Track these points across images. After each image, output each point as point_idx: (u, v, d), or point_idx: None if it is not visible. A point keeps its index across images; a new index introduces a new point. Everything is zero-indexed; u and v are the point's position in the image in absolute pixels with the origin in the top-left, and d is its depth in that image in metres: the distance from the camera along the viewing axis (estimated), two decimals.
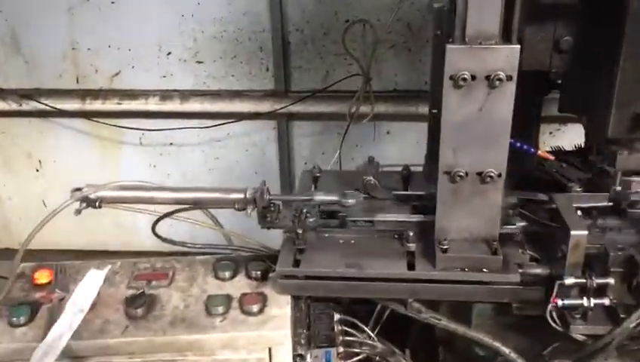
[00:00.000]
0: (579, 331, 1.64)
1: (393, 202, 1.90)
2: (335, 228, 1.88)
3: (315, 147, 4.10)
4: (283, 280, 1.78)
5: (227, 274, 1.90)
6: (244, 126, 4.09)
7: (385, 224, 1.82)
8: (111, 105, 4.01)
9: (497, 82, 1.52)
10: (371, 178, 1.91)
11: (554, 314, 1.63)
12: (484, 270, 1.66)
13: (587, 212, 1.82)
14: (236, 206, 1.81)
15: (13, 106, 4.02)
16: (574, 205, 1.74)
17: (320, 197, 1.87)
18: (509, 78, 1.52)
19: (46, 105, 3.93)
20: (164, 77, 4.06)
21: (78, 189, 1.85)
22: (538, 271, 1.66)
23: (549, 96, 2.18)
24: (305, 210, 1.92)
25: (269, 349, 1.72)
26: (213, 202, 1.83)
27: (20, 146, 4.28)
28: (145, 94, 4.01)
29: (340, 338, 1.87)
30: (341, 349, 1.84)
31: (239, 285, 1.88)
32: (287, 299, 1.81)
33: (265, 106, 3.90)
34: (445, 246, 1.67)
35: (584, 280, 1.60)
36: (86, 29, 3.92)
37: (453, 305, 1.89)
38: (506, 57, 1.51)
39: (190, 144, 4.24)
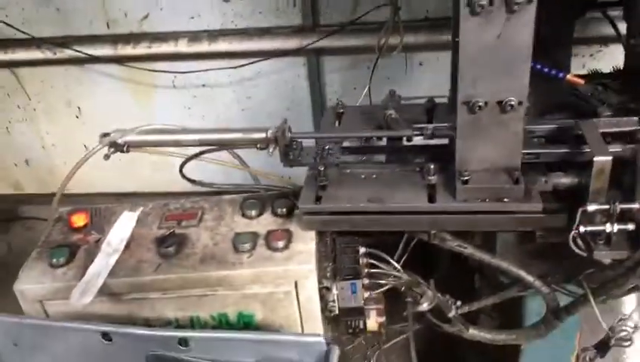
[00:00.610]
0: (602, 256, 1.62)
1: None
2: (357, 163, 1.88)
3: (346, 82, 4.06)
4: (307, 216, 1.81)
5: (254, 212, 1.95)
6: (274, 63, 4.06)
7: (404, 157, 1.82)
8: (141, 49, 4.03)
9: (516, 6, 1.46)
10: (392, 112, 1.89)
11: (578, 240, 1.62)
12: (506, 200, 1.64)
13: (618, 136, 1.78)
14: (258, 145, 1.83)
15: (48, 55, 4.08)
16: (601, 130, 1.69)
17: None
18: (529, 1, 1.46)
19: (79, 52, 3.98)
20: (193, 18, 4.04)
21: (106, 135, 1.89)
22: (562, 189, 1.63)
23: (588, 15, 2.08)
24: (327, 147, 1.93)
25: (295, 283, 1.77)
26: (235, 142, 1.85)
27: (59, 94, 4.38)
28: (174, 36, 4.01)
29: (365, 270, 1.90)
30: (366, 281, 1.89)
31: (265, 222, 1.92)
32: (312, 234, 1.85)
33: (293, 43, 3.86)
34: (466, 178, 1.66)
35: (607, 207, 1.57)
36: None
37: (478, 233, 1.90)
38: None
39: (222, 85, 4.25)
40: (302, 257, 1.78)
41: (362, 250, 1.95)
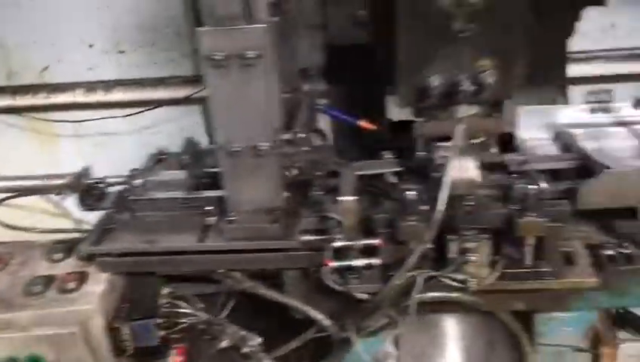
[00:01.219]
0: (354, 290, 1.72)
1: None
2: (150, 205, 1.97)
3: None
4: (101, 259, 1.89)
5: (59, 256, 2.02)
6: (171, 111, 4.18)
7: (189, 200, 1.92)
8: (40, 99, 4.13)
9: (250, 61, 1.59)
10: (187, 157, 2.00)
11: (331, 275, 1.71)
12: (265, 239, 1.74)
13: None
14: (55, 192, 1.92)
15: None
16: (362, 172, 1.81)
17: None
18: (261, 56, 1.59)
19: None
20: (91, 69, 4.16)
21: None
22: (312, 237, 1.74)
23: None
24: (129, 191, 2.03)
25: (81, 323, 1.84)
26: (34, 189, 1.94)
27: None
28: (72, 87, 4.12)
29: (164, 310, 1.98)
30: (160, 320, 1.95)
31: (67, 266, 2.00)
32: (105, 276, 1.93)
33: (187, 91, 3.98)
34: (231, 218, 1.76)
35: (352, 243, 1.68)
36: (9, 26, 4.03)
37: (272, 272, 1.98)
38: (254, 37, 1.58)
39: (123, 133, 4.34)
40: (87, 299, 1.85)
41: (166, 290, 2.02)
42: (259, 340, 2.04)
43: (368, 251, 1.70)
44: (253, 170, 1.74)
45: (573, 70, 2.25)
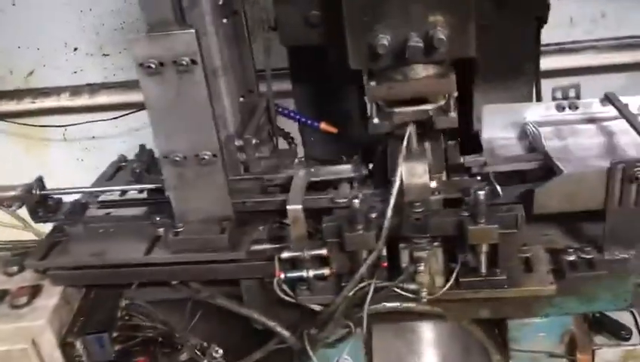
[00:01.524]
0: (306, 301, 1.66)
1: None
2: (102, 218, 1.93)
3: None
4: (52, 272, 1.85)
5: (15, 268, 1.98)
6: None
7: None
8: (25, 104, 4.12)
9: (183, 67, 1.53)
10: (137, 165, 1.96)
11: (283, 286, 1.66)
12: (210, 250, 1.69)
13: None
14: (5, 203, 1.88)
15: None
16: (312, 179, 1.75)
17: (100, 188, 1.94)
18: (194, 62, 1.53)
19: None
20: (75, 72, 4.14)
21: None
22: (262, 246, 1.68)
23: None
24: (84, 201, 1.98)
25: (32, 340, 1.80)
26: None
27: None
28: (57, 91, 4.10)
29: (121, 322, 1.93)
30: (116, 334, 1.91)
31: (23, 279, 1.95)
32: (59, 289, 1.88)
33: None
34: (177, 230, 1.71)
35: (299, 253, 1.61)
36: None
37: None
38: (185, 43, 1.52)
39: (111, 136, 4.33)
40: (37, 313, 1.81)
41: (124, 302, 1.98)
42: (221, 352, 1.99)
43: (320, 261, 1.63)
44: (198, 180, 1.68)
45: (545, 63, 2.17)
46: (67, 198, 2.06)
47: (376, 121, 1.80)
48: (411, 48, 1.63)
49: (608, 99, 1.88)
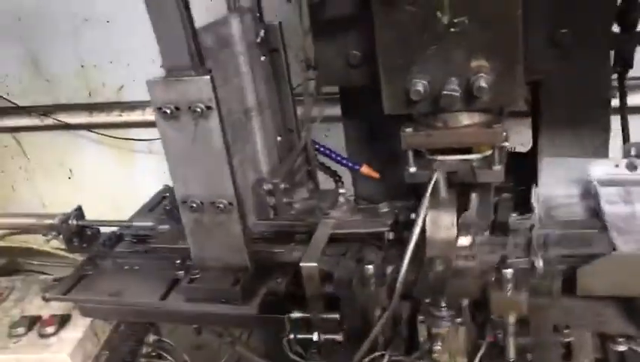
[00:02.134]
0: None
1: None
2: (134, 254, 1.91)
3: None
4: (80, 304, 1.86)
5: (53, 294, 2.02)
6: None
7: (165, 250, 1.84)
8: (114, 117, 4.30)
9: (199, 112, 1.47)
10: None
11: (293, 346, 1.56)
12: (223, 301, 1.61)
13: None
14: (42, 233, 1.92)
15: (36, 122, 4.45)
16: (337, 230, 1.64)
17: (136, 223, 1.93)
18: (209, 108, 1.47)
19: (58, 120, 4.31)
20: None
21: None
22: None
23: None
24: (119, 233, 1.99)
25: None
26: (24, 228, 1.95)
27: (53, 156, 4.73)
28: (142, 105, 4.24)
29: (143, 359, 1.91)
30: None
31: (58, 306, 1.98)
32: (87, 321, 1.90)
33: None
34: (194, 277, 1.65)
35: (309, 315, 1.51)
36: (88, 47, 4.23)
37: None
38: (199, 88, 1.46)
39: None
40: (62, 345, 1.83)
41: (152, 337, 1.96)
42: None
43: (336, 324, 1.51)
44: (214, 227, 1.61)
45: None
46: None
47: (413, 169, 1.66)
48: (446, 97, 1.48)
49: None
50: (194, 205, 1.60)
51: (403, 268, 1.41)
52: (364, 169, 1.94)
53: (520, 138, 2.09)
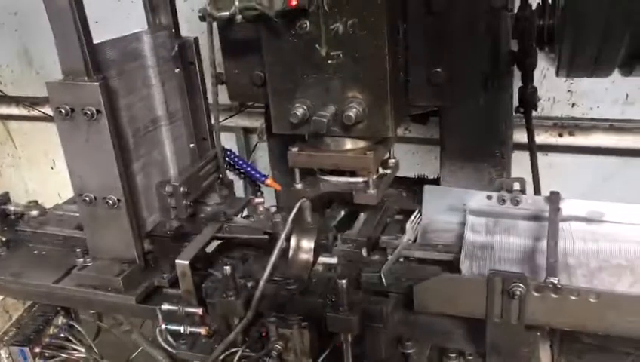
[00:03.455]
0: (182, 355, 1.68)
1: None
2: (46, 238, 2.06)
3: None
4: None
5: None
6: None
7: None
8: None
9: (89, 115, 1.62)
10: None
11: (164, 336, 1.69)
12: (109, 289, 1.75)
13: None
14: None
15: (23, 112, 4.65)
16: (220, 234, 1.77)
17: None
18: (99, 112, 1.61)
19: (43, 113, 4.49)
20: None
21: None
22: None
23: None
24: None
25: None
26: None
27: (38, 147, 4.92)
28: None
29: (47, 339, 2.05)
30: (37, 349, 2.03)
31: None
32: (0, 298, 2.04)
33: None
34: (85, 265, 1.80)
35: (175, 308, 1.64)
36: None
37: None
38: (90, 93, 1.60)
39: None
40: None
41: (61, 320, 2.10)
42: None
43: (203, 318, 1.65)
44: (107, 221, 1.76)
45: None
46: None
47: (299, 186, 1.80)
48: (316, 122, 1.61)
49: (549, 198, 1.73)
50: (87, 199, 1.74)
51: (261, 285, 1.53)
52: (269, 181, 2.07)
53: (433, 165, 2.21)
